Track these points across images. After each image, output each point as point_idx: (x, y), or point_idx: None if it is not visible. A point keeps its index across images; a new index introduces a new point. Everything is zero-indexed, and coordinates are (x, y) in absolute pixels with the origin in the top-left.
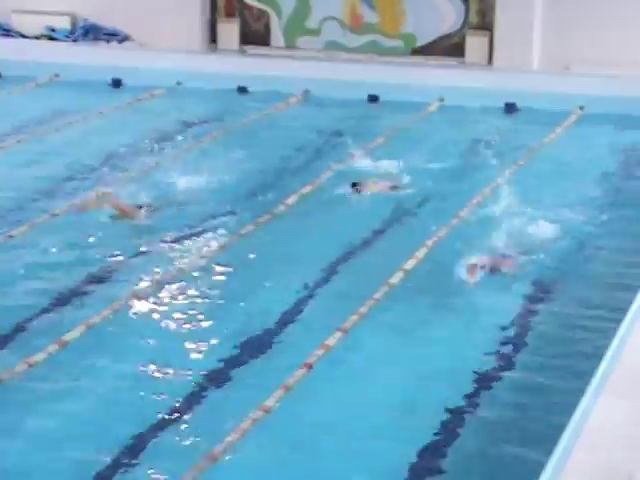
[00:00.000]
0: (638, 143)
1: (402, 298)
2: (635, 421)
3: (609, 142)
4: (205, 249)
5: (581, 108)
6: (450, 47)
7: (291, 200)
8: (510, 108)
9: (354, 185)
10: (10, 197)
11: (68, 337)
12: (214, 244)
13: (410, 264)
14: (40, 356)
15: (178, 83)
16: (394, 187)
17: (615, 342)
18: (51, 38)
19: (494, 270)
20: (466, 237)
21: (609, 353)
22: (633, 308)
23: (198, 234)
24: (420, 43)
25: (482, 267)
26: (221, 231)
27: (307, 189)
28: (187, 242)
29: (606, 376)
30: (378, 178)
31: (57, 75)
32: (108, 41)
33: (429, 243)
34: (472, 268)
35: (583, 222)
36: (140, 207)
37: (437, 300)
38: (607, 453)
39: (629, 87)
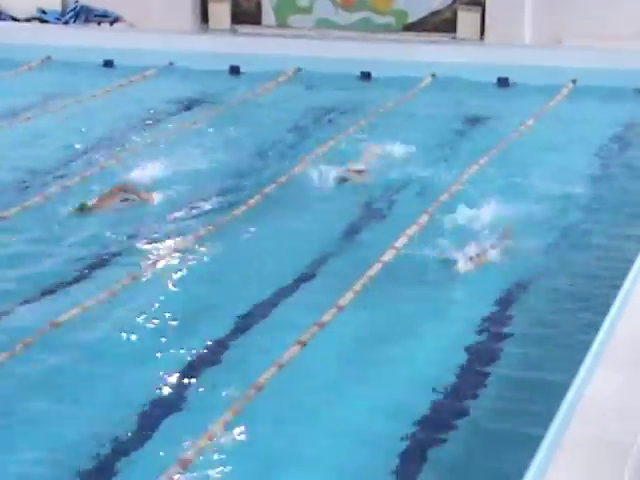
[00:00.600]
0: (630, 116)
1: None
2: (629, 392)
3: (602, 115)
4: (194, 230)
5: (574, 82)
6: (442, 23)
7: (283, 179)
8: (503, 83)
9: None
10: (2, 179)
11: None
12: (202, 226)
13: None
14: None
15: (170, 63)
16: (382, 166)
17: (611, 314)
18: (42, 20)
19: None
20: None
21: (605, 325)
22: (629, 279)
23: (189, 216)
24: (412, 19)
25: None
26: (209, 213)
27: (297, 169)
28: (180, 224)
29: (602, 348)
30: (366, 157)
31: (49, 57)
32: (99, 23)
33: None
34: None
35: (576, 195)
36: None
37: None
38: (601, 425)
39: (621, 60)
